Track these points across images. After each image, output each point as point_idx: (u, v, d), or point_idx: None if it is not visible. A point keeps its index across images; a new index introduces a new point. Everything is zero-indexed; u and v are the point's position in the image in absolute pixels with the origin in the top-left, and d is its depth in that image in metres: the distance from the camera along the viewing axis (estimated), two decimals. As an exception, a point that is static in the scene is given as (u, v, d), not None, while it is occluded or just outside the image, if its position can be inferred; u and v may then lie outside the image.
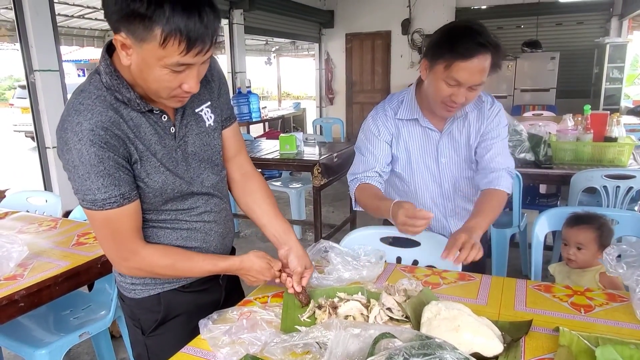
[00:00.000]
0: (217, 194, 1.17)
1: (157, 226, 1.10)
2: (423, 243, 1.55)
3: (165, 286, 1.15)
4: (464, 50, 1.26)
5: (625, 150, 2.54)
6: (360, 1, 8.48)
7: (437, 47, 1.33)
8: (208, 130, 1.12)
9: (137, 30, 0.84)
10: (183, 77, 0.91)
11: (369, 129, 1.57)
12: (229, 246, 1.28)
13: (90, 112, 0.93)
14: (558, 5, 7.24)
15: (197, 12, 0.83)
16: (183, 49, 0.85)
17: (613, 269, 1.12)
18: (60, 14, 6.59)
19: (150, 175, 1.02)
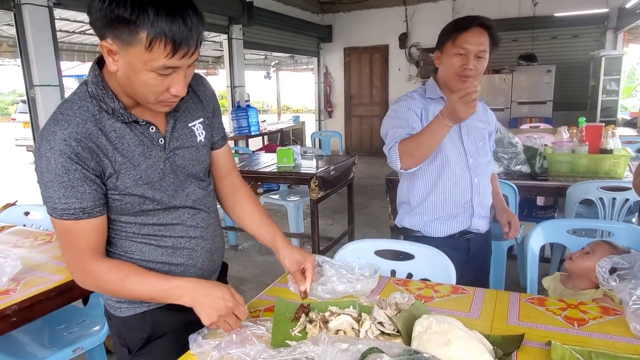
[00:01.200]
0: (204, 209, 1.16)
1: (142, 242, 1.08)
2: (417, 256, 1.55)
3: (151, 305, 1.12)
4: (465, 23, 1.58)
5: (620, 162, 2.55)
6: (358, 16, 8.59)
7: (444, 33, 1.63)
8: (198, 146, 1.13)
9: (122, 35, 0.85)
10: (170, 80, 0.92)
11: (399, 108, 1.68)
12: (218, 263, 1.26)
13: (67, 122, 0.94)
14: (553, 19, 7.32)
15: (180, 16, 0.85)
16: (169, 52, 0.86)
17: (606, 282, 1.12)
18: (62, 30, 6.67)
19: (129, 188, 1.00)
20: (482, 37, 1.57)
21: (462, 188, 1.69)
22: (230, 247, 4.22)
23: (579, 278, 1.54)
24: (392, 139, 1.59)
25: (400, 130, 1.60)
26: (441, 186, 1.68)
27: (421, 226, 1.73)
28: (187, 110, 1.11)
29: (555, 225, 1.78)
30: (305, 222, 4.33)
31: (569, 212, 2.45)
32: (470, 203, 1.71)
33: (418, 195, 1.73)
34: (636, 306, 0.99)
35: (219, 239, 1.23)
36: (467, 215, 1.72)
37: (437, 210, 1.70)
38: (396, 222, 1.85)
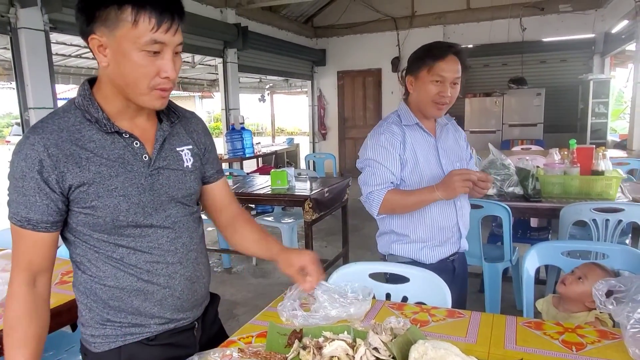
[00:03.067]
0: (185, 234, 1.11)
1: (116, 266, 1.03)
2: (412, 279, 1.53)
3: (127, 338, 1.07)
4: (440, 52, 1.61)
5: (612, 183, 2.57)
6: (351, 40, 8.75)
7: (417, 60, 1.65)
8: (185, 171, 1.11)
9: (108, 19, 0.90)
10: (159, 63, 0.94)
11: (378, 144, 1.68)
12: (202, 293, 1.18)
13: (42, 129, 0.96)
14: (541, 44, 7.50)
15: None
16: (154, 25, 0.90)
17: (603, 305, 1.11)
18: (58, 53, 6.71)
19: (102, 199, 0.98)
20: (457, 64, 1.61)
21: (448, 213, 1.71)
22: (224, 270, 4.17)
23: (573, 302, 1.53)
24: (372, 182, 1.65)
25: (380, 173, 1.65)
26: (427, 215, 1.69)
27: (412, 254, 1.72)
28: (176, 135, 1.12)
29: (550, 248, 1.78)
30: (300, 244, 4.29)
31: (563, 233, 2.45)
32: (457, 226, 1.74)
33: (404, 225, 1.72)
34: (634, 330, 0.98)
35: (202, 267, 1.17)
36: (455, 239, 1.75)
37: (427, 238, 1.70)
38: (380, 250, 1.82)
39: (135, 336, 1.08)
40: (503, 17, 7.48)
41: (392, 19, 8.30)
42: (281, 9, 7.92)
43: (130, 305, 1.06)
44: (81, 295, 1.08)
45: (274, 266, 4.43)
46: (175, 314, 1.11)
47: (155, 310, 1.08)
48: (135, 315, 1.07)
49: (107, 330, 1.07)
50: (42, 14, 3.88)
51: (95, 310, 1.07)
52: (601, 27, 7.01)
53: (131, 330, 1.07)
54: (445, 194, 1.53)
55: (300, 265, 1.19)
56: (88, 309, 1.07)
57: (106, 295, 1.05)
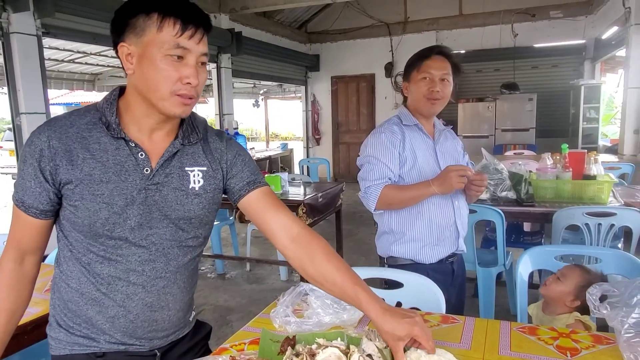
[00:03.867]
0: (161, 259, 1.05)
1: (82, 269, 1.03)
2: (406, 284, 1.53)
3: (74, 348, 1.04)
4: (426, 52, 1.73)
5: (604, 187, 2.59)
6: (345, 46, 8.79)
7: (409, 64, 1.77)
8: (189, 192, 1.06)
9: (137, 26, 0.94)
10: (182, 69, 0.96)
11: (379, 142, 1.73)
12: (164, 325, 1.10)
13: (55, 121, 1.01)
14: (533, 50, 7.57)
15: (187, 5, 0.97)
16: (178, 30, 0.94)
17: (597, 310, 1.11)
18: (51, 58, 6.68)
19: (84, 201, 0.97)
20: (444, 62, 1.70)
21: (446, 212, 1.75)
22: (217, 276, 4.14)
23: (555, 303, 1.56)
24: (371, 177, 1.69)
25: (379, 169, 1.69)
26: (426, 213, 1.73)
27: (412, 254, 1.74)
28: (190, 155, 1.08)
29: (543, 252, 1.78)
30: (293, 250, 4.27)
31: (556, 237, 2.46)
32: (455, 225, 1.77)
33: (402, 223, 1.75)
34: (629, 335, 0.98)
35: (170, 298, 1.08)
36: (453, 238, 1.78)
37: (425, 236, 1.73)
38: (380, 252, 1.84)
39: (82, 347, 1.06)
40: (495, 23, 7.56)
41: (385, 24, 8.35)
42: (275, 14, 7.94)
43: (84, 314, 1.05)
44: (52, 291, 1.11)
45: (268, 272, 4.42)
46: (127, 337, 1.07)
47: (106, 326, 1.05)
48: (87, 325, 1.06)
49: (60, 334, 1.07)
50: (34, 19, 3.86)
51: (56, 309, 1.09)
52: (591, 33, 7.10)
53: (79, 341, 1.06)
54: (442, 189, 1.58)
55: (409, 336, 0.94)
56: (53, 306, 1.10)
57: (67, 296, 1.06)
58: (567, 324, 1.45)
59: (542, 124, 7.19)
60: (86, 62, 7.41)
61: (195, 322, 1.25)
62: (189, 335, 1.21)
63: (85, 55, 6.83)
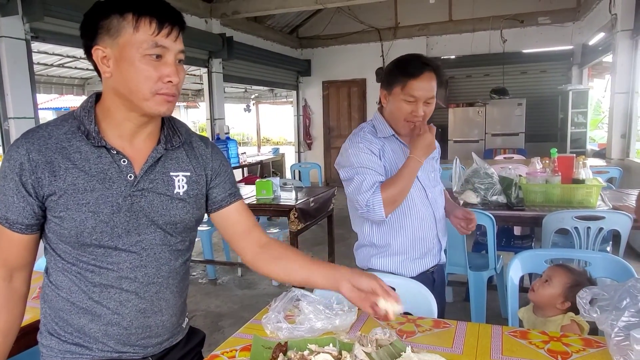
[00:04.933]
0: (152, 264, 1.05)
1: (72, 279, 1.02)
2: (398, 289, 1.52)
3: (66, 356, 1.03)
4: (414, 70, 1.54)
5: (593, 191, 2.61)
6: (336, 51, 8.82)
7: (391, 75, 1.60)
8: (173, 197, 1.06)
9: (111, 28, 0.93)
10: (162, 67, 0.95)
11: (360, 151, 1.61)
12: (158, 331, 1.10)
13: (33, 134, 0.98)
14: (522, 55, 7.66)
15: (161, 3, 0.96)
16: (154, 29, 0.93)
17: (587, 314, 1.12)
18: (40, 62, 6.61)
19: (69, 211, 0.96)
20: (432, 81, 1.55)
21: (428, 224, 1.69)
22: (209, 282, 4.11)
23: (546, 307, 1.57)
24: (365, 188, 1.55)
25: (370, 177, 1.56)
26: (409, 226, 1.67)
27: (393, 267, 1.68)
28: (174, 160, 1.08)
29: (533, 256, 1.79)
30: (285, 255, 4.25)
31: (546, 241, 2.48)
32: (437, 238, 1.73)
33: (384, 237, 1.69)
34: (619, 338, 0.99)
35: (163, 303, 1.08)
36: (436, 251, 1.74)
37: (408, 250, 1.68)
38: (359, 264, 1.78)
39: (75, 355, 1.04)
40: (484, 29, 7.63)
41: (376, 30, 8.40)
42: (266, 19, 7.95)
43: (77, 322, 1.04)
44: (41, 300, 1.09)
45: (259, 277, 4.40)
46: (120, 345, 1.05)
47: (99, 335, 1.04)
48: (80, 334, 1.04)
49: (52, 342, 1.06)
50: (23, 23, 3.82)
51: (47, 318, 1.07)
52: (579, 39, 7.20)
53: (72, 349, 1.04)
54: (422, 152, 1.55)
55: (371, 289, 1.04)
56: (43, 315, 1.08)
57: (58, 305, 1.04)
58: (562, 325, 1.46)
59: (531, 128, 7.27)
60: (75, 67, 7.34)
61: (188, 329, 1.24)
62: (182, 342, 1.20)
63: (74, 59, 6.77)
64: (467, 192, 2.82)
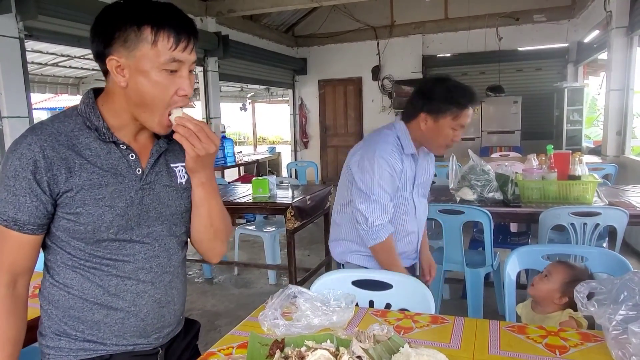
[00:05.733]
0: (165, 256, 1.08)
1: (85, 275, 1.01)
2: (396, 286, 1.52)
3: (79, 354, 1.03)
4: (469, 102, 1.64)
5: (589, 187, 2.62)
6: (332, 50, 8.80)
7: (444, 103, 1.62)
8: (178, 188, 1.10)
9: (128, 40, 0.92)
10: (178, 81, 0.96)
11: (386, 169, 1.66)
12: (170, 321, 1.13)
13: (41, 130, 0.96)
14: (517, 53, 7.67)
15: (176, 13, 0.96)
16: (172, 44, 0.93)
17: (584, 307, 1.11)
18: (34, 62, 6.57)
19: (87, 207, 0.96)
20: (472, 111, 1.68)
21: (410, 239, 1.82)
22: (205, 281, 4.09)
23: (544, 302, 1.57)
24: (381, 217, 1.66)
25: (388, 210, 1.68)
26: (395, 240, 1.75)
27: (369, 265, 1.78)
28: (172, 152, 1.11)
29: (530, 252, 1.79)
30: (282, 253, 4.25)
31: (542, 237, 2.48)
32: (417, 253, 1.89)
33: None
34: (617, 332, 0.98)
35: (175, 292, 1.12)
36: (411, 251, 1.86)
37: None
38: (336, 257, 1.87)
39: (89, 352, 1.03)
40: (480, 27, 7.64)
41: (372, 28, 8.39)
42: (262, 18, 7.92)
43: (90, 319, 1.03)
44: (44, 301, 1.06)
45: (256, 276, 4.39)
46: (136, 337, 1.07)
47: (115, 328, 1.04)
48: (93, 330, 1.03)
49: (61, 342, 1.04)
50: (16, 21, 3.78)
51: (53, 319, 1.04)
52: (574, 36, 7.22)
53: (85, 346, 1.03)
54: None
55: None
56: (48, 316, 1.05)
57: (68, 304, 1.02)
58: (560, 322, 1.46)
59: (527, 126, 7.28)
60: (70, 66, 7.30)
61: (184, 319, 1.24)
62: (183, 332, 1.21)
63: (69, 58, 6.73)
64: (464, 189, 2.82)
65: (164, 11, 0.94)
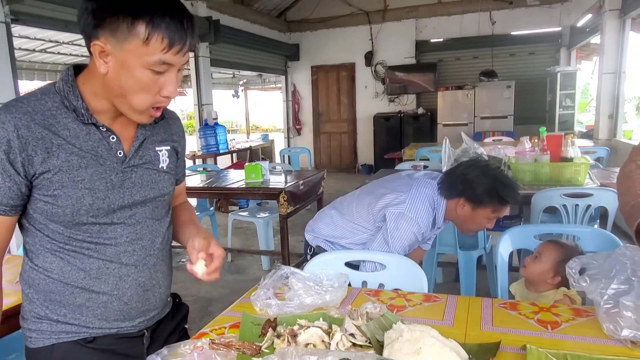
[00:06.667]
0: (148, 238, 1.05)
1: (65, 258, 0.98)
2: (389, 266, 1.52)
3: (61, 336, 1.01)
4: (509, 200, 1.66)
5: (581, 169, 2.63)
6: (324, 35, 8.71)
7: (485, 195, 1.61)
8: (160, 171, 1.08)
9: (118, 30, 0.85)
10: (163, 81, 0.91)
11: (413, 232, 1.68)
12: (155, 304, 1.11)
13: (16, 108, 0.91)
14: (510, 37, 7.64)
15: (177, 13, 0.88)
16: (165, 46, 0.87)
17: (577, 283, 1.11)
18: (21, 48, 6.44)
19: (65, 189, 0.93)
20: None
21: None
22: (198, 268, 4.08)
23: (537, 283, 1.57)
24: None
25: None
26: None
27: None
28: (156, 135, 1.09)
29: (523, 232, 1.80)
30: (275, 239, 4.25)
31: (534, 219, 2.49)
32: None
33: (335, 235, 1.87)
34: (608, 306, 0.99)
35: (160, 275, 1.10)
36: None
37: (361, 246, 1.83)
38: (310, 240, 1.97)
39: (71, 335, 1.02)
40: (473, 11, 7.59)
41: (364, 12, 8.30)
42: (253, 2, 7.81)
43: (72, 303, 1.01)
44: (25, 285, 1.04)
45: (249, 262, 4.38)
46: (120, 321, 1.05)
47: (98, 312, 1.02)
48: (75, 314, 1.01)
49: (43, 325, 1.02)
50: (2, 5, 3.69)
51: (35, 303, 1.02)
52: (567, 20, 7.20)
53: (67, 328, 1.02)
54: None
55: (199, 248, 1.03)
56: (29, 300, 1.03)
57: (48, 288, 1.00)
58: (555, 300, 1.46)
59: (519, 111, 7.29)
60: (58, 52, 7.16)
61: (172, 302, 1.23)
62: (170, 315, 1.20)
63: (57, 44, 6.60)
64: (457, 172, 2.82)
65: (163, 6, 0.86)
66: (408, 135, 7.87)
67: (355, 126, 8.89)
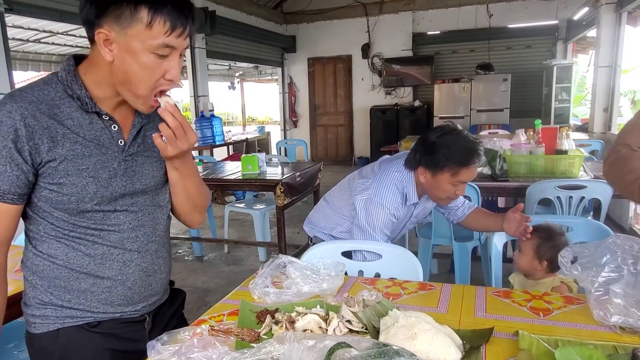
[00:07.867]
0: (149, 225, 1.08)
1: (70, 245, 1.00)
2: (385, 256, 1.54)
3: (66, 321, 1.03)
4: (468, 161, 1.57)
5: (575, 162, 2.65)
6: (321, 27, 8.68)
7: (441, 159, 1.57)
8: (160, 158, 1.08)
9: (122, 16, 0.88)
10: (166, 65, 0.93)
11: (386, 215, 1.67)
12: (157, 289, 1.14)
13: (21, 97, 0.93)
14: (507, 30, 7.65)
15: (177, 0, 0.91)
16: (168, 29, 0.89)
17: (568, 271, 1.14)
18: (15, 38, 6.38)
19: (70, 177, 0.95)
20: (475, 170, 1.63)
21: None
22: (195, 259, 4.10)
23: (530, 273, 1.60)
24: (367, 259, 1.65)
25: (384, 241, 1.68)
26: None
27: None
28: (152, 123, 1.10)
29: (517, 222, 1.81)
30: (272, 230, 4.27)
31: (529, 211, 2.51)
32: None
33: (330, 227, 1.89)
34: (598, 293, 1.01)
35: (161, 261, 1.13)
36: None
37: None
38: (308, 230, 2.00)
39: (75, 320, 1.04)
40: (470, 4, 7.58)
41: (361, 4, 8.27)
42: (249, -7, 7.76)
43: (77, 288, 1.03)
44: (27, 272, 1.05)
45: (246, 253, 4.40)
46: (123, 306, 1.07)
47: (102, 297, 1.04)
48: (80, 299, 1.03)
49: (47, 311, 1.03)
50: (-6, -6, 3.66)
51: (38, 289, 1.04)
52: (564, 13, 7.20)
53: (72, 313, 1.03)
54: None
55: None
56: (32, 286, 1.04)
57: (53, 274, 1.02)
58: (552, 287, 1.50)
59: (516, 104, 7.31)
60: (53, 42, 7.10)
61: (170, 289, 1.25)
62: (169, 300, 1.22)
63: (51, 34, 6.54)
64: (453, 164, 2.84)
65: None
66: (404, 127, 7.89)
67: (351, 118, 8.89)
